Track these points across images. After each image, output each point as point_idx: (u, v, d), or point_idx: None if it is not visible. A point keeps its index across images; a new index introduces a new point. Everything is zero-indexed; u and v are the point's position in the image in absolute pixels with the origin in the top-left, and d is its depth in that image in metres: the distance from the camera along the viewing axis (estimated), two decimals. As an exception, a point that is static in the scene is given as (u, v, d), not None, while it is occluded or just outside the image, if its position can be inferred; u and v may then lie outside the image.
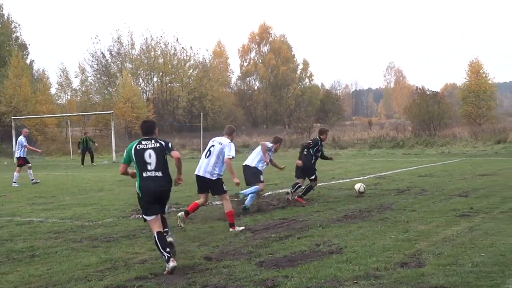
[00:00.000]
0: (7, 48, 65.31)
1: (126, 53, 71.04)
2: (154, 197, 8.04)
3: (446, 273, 6.80)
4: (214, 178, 10.80)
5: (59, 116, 53.19)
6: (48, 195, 17.45)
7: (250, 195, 12.98)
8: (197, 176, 11.08)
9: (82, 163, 33.78)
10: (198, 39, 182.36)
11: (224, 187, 10.79)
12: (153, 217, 8.02)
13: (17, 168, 22.18)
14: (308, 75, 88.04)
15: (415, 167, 23.00)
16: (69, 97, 67.33)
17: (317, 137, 14.74)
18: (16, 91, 54.19)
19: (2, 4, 68.22)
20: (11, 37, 67.73)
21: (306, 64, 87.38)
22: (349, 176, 19.40)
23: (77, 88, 68.58)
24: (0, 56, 64.29)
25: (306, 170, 14.35)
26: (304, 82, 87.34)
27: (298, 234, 9.66)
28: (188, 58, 73.35)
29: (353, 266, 7.34)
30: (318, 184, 15.89)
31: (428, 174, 20.11)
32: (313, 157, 14.41)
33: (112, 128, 39.65)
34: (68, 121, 50.12)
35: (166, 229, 8.17)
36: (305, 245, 8.74)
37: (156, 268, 7.68)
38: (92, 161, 34.37)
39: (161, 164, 8.12)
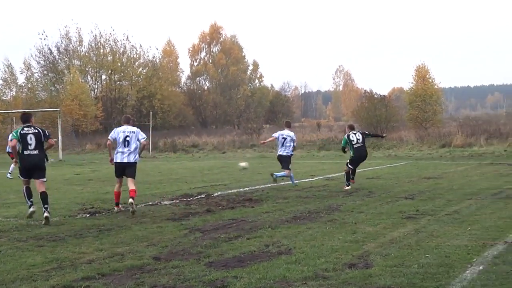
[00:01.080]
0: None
1: (74, 49, 69.94)
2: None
3: (393, 274, 6.90)
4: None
5: (3, 112, 52.05)
6: (-8, 193, 17.03)
7: (280, 176, 17.62)
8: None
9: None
10: (148, 38, 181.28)
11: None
12: (26, 179, 11.97)
13: None
14: (258, 76, 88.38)
15: (362, 170, 23.29)
16: (14, 93, 65.88)
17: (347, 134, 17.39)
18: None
19: None
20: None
21: (256, 65, 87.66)
22: (297, 178, 19.50)
23: (23, 85, 67.22)
24: None
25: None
26: (254, 83, 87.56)
27: (248, 234, 9.66)
28: (137, 56, 72.73)
29: (302, 266, 7.39)
30: (267, 185, 16.05)
31: (375, 177, 20.44)
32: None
33: (59, 126, 38.97)
34: (14, 117, 49.06)
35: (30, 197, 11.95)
36: (254, 246, 8.75)
37: (104, 268, 7.56)
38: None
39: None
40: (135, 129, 13.30)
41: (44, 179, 12.01)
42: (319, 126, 59.18)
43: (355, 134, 17.24)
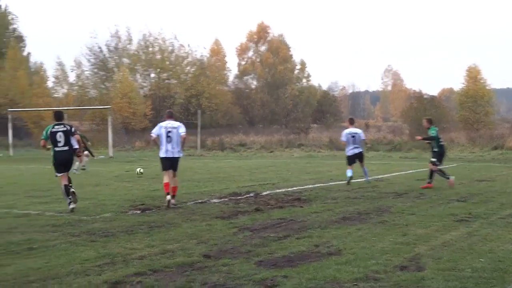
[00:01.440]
0: (4, 40, 65.30)
1: (124, 48, 70.91)
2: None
3: (446, 278, 6.78)
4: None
5: (56, 109, 53.00)
6: (44, 188, 17.42)
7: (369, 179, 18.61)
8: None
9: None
10: (196, 37, 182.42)
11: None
12: (63, 174, 13.03)
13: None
14: (305, 75, 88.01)
15: (412, 171, 23.01)
16: (66, 90, 67.15)
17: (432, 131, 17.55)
18: (12, 83, 54.20)
19: (-2, -4, 68.18)
20: (8, 29, 67.70)
21: (303, 64, 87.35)
22: (346, 178, 19.35)
23: (74, 82, 68.46)
24: (-3, 47, 64.29)
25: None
26: (301, 82, 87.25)
27: (297, 234, 9.63)
28: (186, 55, 73.27)
29: (352, 268, 7.33)
30: (316, 185, 16.02)
31: (426, 178, 20.09)
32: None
33: (109, 123, 39.54)
34: (65, 114, 50.01)
35: (70, 184, 12.90)
36: (303, 246, 8.72)
37: (155, 265, 7.65)
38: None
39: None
40: (176, 124, 14.00)
41: (69, 172, 13.37)
42: (367, 127, 58.64)
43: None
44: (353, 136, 18.67)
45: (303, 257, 7.98)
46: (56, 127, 13.01)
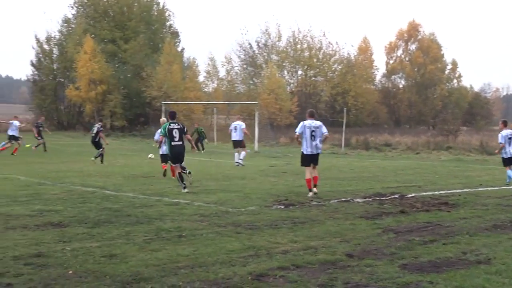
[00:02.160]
0: (161, 35, 68.56)
1: (273, 45, 72.03)
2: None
3: None
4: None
5: (205, 103, 54.96)
6: (194, 179, 18.04)
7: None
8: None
9: (199, 149, 34.92)
10: (344, 34, 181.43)
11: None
12: (177, 165, 15.40)
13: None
14: (456, 75, 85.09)
15: None
16: (215, 85, 69.34)
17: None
18: (167, 77, 56.78)
19: (158, -7, 71.60)
20: (165, 25, 71.01)
21: (455, 64, 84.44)
22: (497, 184, 18.46)
23: (224, 78, 70.50)
24: (155, 42, 67.67)
25: None
26: (452, 83, 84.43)
27: (444, 239, 9.33)
28: (333, 52, 73.17)
29: (503, 279, 6.98)
30: (464, 190, 15.44)
31: None
32: None
33: (256, 118, 40.32)
34: (214, 108, 51.64)
35: (184, 170, 15.80)
36: (450, 252, 8.44)
37: (298, 260, 7.72)
38: (203, 149, 36.01)
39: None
40: (318, 123, 14.98)
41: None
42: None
43: None
44: (509, 138, 18.04)
45: (450, 264, 7.72)
46: (172, 124, 15.38)
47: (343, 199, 13.99)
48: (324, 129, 14.93)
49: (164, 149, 17.79)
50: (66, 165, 22.82)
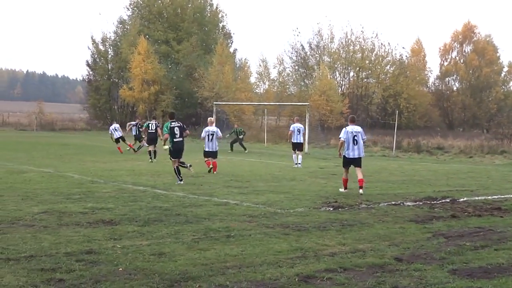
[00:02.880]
0: (213, 36, 69.06)
1: (325, 46, 71.73)
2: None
3: None
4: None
5: (256, 104, 55.11)
6: (243, 180, 18.20)
7: None
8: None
9: (245, 149, 35.92)
10: (397, 36, 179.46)
11: None
12: (176, 159, 17.33)
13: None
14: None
15: None
16: (267, 86, 69.42)
17: None
18: (219, 77, 57.13)
19: (212, -6, 72.17)
20: (218, 26, 71.53)
21: (511, 67, 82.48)
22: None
23: (275, 79, 70.55)
24: (207, 43, 68.24)
25: None
26: (508, 86, 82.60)
27: (495, 245, 9.16)
28: (385, 54, 72.40)
29: (556, 286, 6.82)
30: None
31: None
32: None
33: (307, 120, 40.20)
34: (265, 109, 51.76)
35: (184, 164, 18.41)
36: (502, 258, 8.27)
37: (346, 263, 7.69)
38: (245, 149, 35.99)
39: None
40: (359, 128, 16.08)
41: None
42: None
43: None
44: None
45: (502, 270, 7.58)
46: (173, 123, 17.49)
47: (393, 202, 13.86)
48: (364, 135, 16.30)
49: (208, 146, 20.92)
50: (118, 164, 23.22)
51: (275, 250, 8.31)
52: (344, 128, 16.14)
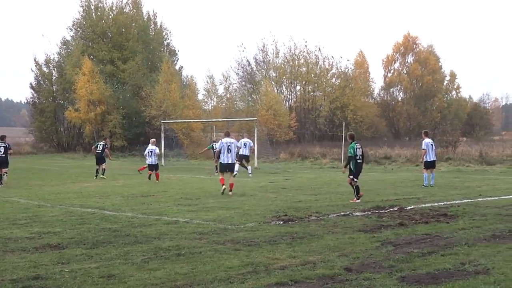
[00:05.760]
0: (159, 54, 68.82)
1: (271, 61, 72.30)
2: None
3: None
4: None
5: (205, 121, 55.06)
6: (193, 197, 18.11)
7: None
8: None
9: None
10: (339, 49, 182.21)
11: None
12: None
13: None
14: (455, 87, 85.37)
15: None
16: (214, 103, 69.47)
17: None
18: (165, 95, 56.91)
19: (156, 13, 72.28)
20: (163, 44, 71.32)
21: (453, 75, 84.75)
22: (497, 194, 18.47)
23: (222, 95, 70.66)
24: (152, 62, 67.95)
25: None
26: (450, 94, 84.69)
27: (442, 251, 9.34)
28: (330, 67, 73.45)
29: (501, 288, 7.00)
30: (463, 201, 15.44)
31: None
32: None
33: (255, 135, 40.40)
34: (213, 126, 51.75)
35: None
36: (449, 263, 8.44)
37: (296, 275, 7.72)
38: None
39: None
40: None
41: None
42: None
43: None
44: None
45: (449, 275, 7.73)
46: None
47: (342, 213, 14.00)
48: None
49: (149, 161, 25.99)
50: (66, 187, 22.82)
51: (226, 266, 8.29)
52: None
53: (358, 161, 17.30)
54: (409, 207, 15.07)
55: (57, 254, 9.27)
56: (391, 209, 14.68)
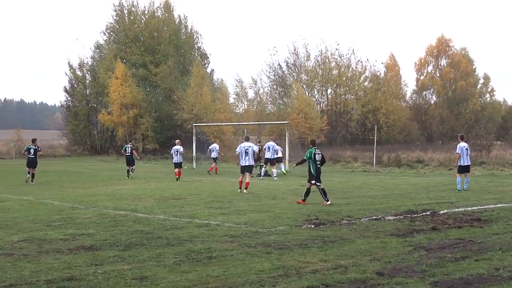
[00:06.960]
0: (190, 58, 69.26)
1: (302, 64, 72.17)
2: None
3: None
4: None
5: (236, 124, 55.16)
6: (225, 200, 18.18)
7: None
8: None
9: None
10: (372, 52, 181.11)
11: None
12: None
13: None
14: (489, 90, 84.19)
15: None
16: (245, 106, 69.56)
17: None
18: (197, 99, 57.23)
19: (186, 16, 72.81)
20: (194, 47, 71.74)
21: (487, 78, 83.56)
22: (532, 199, 18.20)
23: (253, 98, 70.73)
24: (184, 65, 68.41)
25: None
26: (484, 98, 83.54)
27: (476, 256, 9.23)
28: (362, 70, 73.04)
29: (536, 294, 6.89)
30: (497, 205, 15.21)
31: None
32: None
33: (287, 138, 40.32)
34: (245, 129, 51.80)
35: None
36: (483, 268, 8.34)
37: (328, 279, 7.71)
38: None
39: None
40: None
41: None
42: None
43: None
44: None
45: (482, 280, 7.65)
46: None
47: (374, 217, 13.92)
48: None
49: (175, 159, 28.28)
50: (99, 189, 23.10)
51: (257, 270, 8.31)
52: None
53: (318, 166, 17.61)
54: (442, 212, 14.92)
55: (91, 256, 9.39)
56: (423, 214, 14.55)
